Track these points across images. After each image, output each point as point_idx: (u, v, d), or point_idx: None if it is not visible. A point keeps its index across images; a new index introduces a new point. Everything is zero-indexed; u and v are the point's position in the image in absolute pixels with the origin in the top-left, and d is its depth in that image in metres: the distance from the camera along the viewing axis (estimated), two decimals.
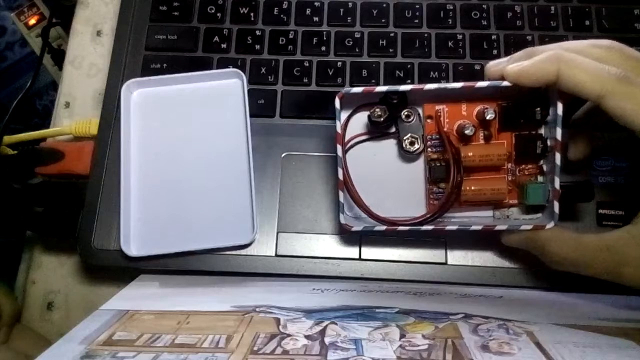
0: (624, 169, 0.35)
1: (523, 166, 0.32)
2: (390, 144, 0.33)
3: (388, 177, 0.33)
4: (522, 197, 0.31)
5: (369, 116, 0.31)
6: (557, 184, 0.29)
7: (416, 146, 0.31)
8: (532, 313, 0.30)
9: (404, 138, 0.32)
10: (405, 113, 0.31)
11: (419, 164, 0.33)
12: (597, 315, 0.30)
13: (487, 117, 0.30)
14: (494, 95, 0.31)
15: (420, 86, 0.30)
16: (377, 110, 0.31)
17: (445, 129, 0.31)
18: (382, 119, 0.31)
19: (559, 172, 0.29)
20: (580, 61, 0.27)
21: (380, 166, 0.33)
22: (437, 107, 0.32)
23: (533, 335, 0.26)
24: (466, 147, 0.31)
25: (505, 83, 0.29)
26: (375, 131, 0.33)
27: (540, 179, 0.31)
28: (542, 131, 0.31)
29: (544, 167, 0.31)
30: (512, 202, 0.32)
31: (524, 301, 0.32)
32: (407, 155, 0.33)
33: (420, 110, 0.32)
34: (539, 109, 0.30)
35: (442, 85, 0.31)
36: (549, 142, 0.30)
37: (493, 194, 0.31)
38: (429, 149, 0.32)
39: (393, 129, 0.33)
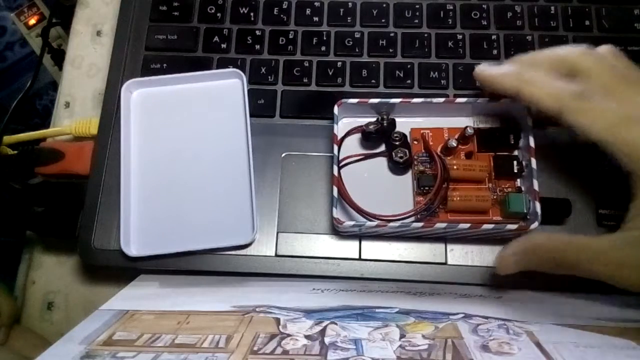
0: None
1: (502, 184, 0.34)
2: (381, 165, 0.35)
3: (379, 192, 0.34)
4: (504, 208, 0.33)
5: (362, 130, 0.34)
6: (536, 186, 0.31)
7: (405, 158, 0.34)
8: (532, 313, 0.30)
9: (393, 152, 0.34)
10: (395, 135, 0.34)
11: (408, 182, 0.35)
12: (597, 315, 0.30)
13: (467, 134, 0.33)
14: (472, 114, 0.35)
15: (408, 99, 0.34)
16: (371, 125, 0.34)
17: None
18: (374, 130, 0.34)
19: (537, 175, 0.32)
20: (539, 80, 0.30)
21: (371, 184, 0.35)
22: (422, 131, 0.35)
23: (533, 335, 0.26)
24: (451, 158, 0.34)
25: (481, 100, 0.34)
26: (367, 152, 0.35)
27: None
28: (516, 153, 0.34)
29: (522, 188, 0.33)
30: (495, 219, 0.33)
31: (524, 301, 0.32)
32: (396, 167, 0.34)
33: (407, 135, 0.35)
34: (512, 135, 0.34)
35: (427, 99, 0.34)
36: (524, 163, 0.33)
37: (478, 200, 0.33)
38: (416, 166, 0.34)
39: (383, 147, 0.35)
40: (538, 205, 0.31)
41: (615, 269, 0.28)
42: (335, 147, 0.34)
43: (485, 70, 0.32)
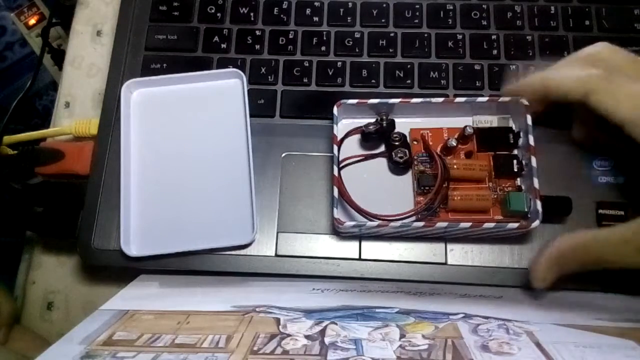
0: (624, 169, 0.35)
1: (502, 183, 0.34)
2: (381, 165, 0.35)
3: (379, 193, 0.34)
4: (504, 207, 0.33)
5: (362, 131, 0.34)
6: (536, 184, 0.31)
7: (405, 158, 0.34)
8: (532, 313, 0.30)
9: (393, 152, 0.34)
10: (394, 136, 0.34)
11: (408, 182, 0.35)
12: (597, 315, 0.30)
13: (466, 134, 0.34)
14: (472, 114, 0.35)
15: (407, 100, 0.34)
16: (371, 126, 0.34)
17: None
18: (373, 130, 0.34)
19: (537, 174, 0.32)
20: (562, 71, 0.31)
21: (372, 184, 0.35)
22: (422, 131, 0.35)
23: (533, 335, 0.26)
24: (451, 158, 0.34)
25: (480, 99, 0.34)
26: (367, 152, 0.35)
27: None
28: (516, 152, 0.34)
29: (522, 187, 0.33)
30: (496, 218, 0.33)
31: (524, 301, 0.32)
32: (396, 168, 0.34)
33: (407, 135, 0.35)
34: (511, 134, 0.34)
35: (426, 99, 0.34)
36: (524, 162, 0.33)
37: (479, 199, 0.33)
38: (416, 166, 0.34)
39: (383, 148, 0.35)
40: (539, 204, 0.31)
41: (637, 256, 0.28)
42: (335, 148, 0.34)
43: (508, 86, 0.34)
